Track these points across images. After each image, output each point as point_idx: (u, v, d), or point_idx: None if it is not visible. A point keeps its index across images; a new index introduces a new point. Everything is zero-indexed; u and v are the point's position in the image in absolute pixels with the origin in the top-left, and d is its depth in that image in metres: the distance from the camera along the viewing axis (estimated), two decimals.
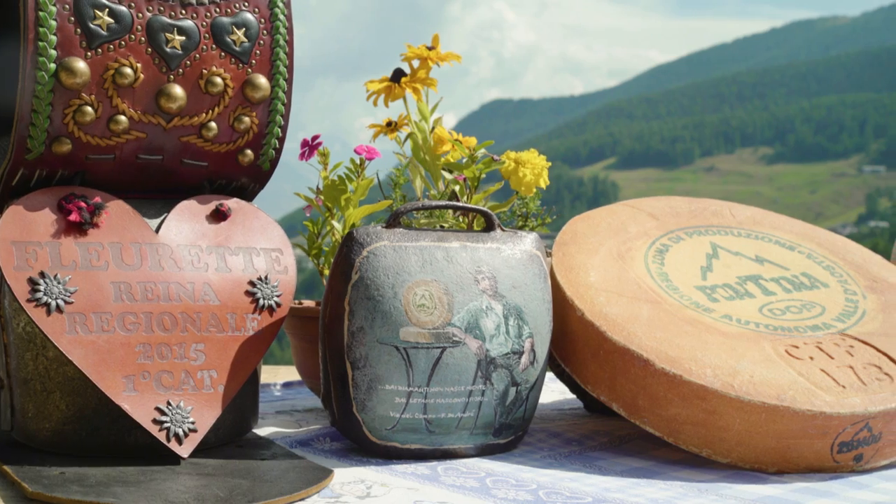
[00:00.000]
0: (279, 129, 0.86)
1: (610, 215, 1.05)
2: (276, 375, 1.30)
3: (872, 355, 0.89)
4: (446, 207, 0.87)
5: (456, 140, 1.11)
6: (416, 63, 1.14)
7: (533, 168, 1.03)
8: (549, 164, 1.03)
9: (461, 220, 1.04)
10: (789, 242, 1.05)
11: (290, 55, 0.86)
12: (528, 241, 0.90)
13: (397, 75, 1.12)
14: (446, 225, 1.00)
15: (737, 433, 0.83)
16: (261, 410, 1.01)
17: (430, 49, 1.13)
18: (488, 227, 0.89)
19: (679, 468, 0.84)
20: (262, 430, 0.91)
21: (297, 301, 1.04)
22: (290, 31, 0.85)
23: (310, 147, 1.03)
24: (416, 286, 0.82)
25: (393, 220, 0.85)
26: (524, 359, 0.86)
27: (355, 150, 1.01)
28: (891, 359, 0.89)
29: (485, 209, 0.89)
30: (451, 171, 1.02)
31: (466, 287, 0.84)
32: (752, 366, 0.84)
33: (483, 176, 1.01)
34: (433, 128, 1.11)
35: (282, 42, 0.84)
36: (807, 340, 0.90)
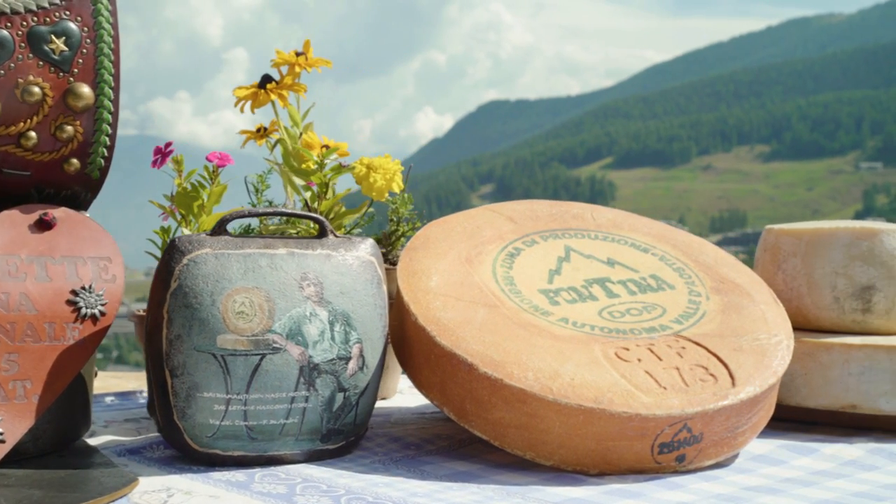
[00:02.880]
0: (107, 138, 0.87)
1: (467, 219, 1.06)
2: None
3: (702, 356, 0.89)
4: (273, 214, 0.88)
5: (325, 146, 1.11)
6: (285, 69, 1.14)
7: (385, 173, 1.03)
8: (403, 167, 1.04)
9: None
10: (644, 244, 1.06)
11: (115, 63, 0.86)
12: (362, 248, 0.90)
13: (264, 81, 1.13)
14: (293, 231, 1.01)
15: (558, 436, 0.83)
16: (111, 418, 1.02)
17: (299, 55, 1.14)
18: (321, 233, 0.90)
19: (503, 471, 0.85)
20: (98, 439, 0.92)
21: None
22: (115, 39, 0.86)
23: (162, 155, 1.03)
24: (236, 293, 0.83)
25: (218, 228, 0.85)
26: (352, 364, 0.86)
27: (207, 158, 1.01)
28: (720, 359, 0.89)
29: (316, 215, 0.89)
30: (302, 178, 1.03)
31: (290, 294, 0.84)
32: (575, 369, 0.85)
33: (333, 182, 1.02)
34: (301, 133, 1.11)
35: (106, 50, 0.85)
36: (640, 342, 0.90)
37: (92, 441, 0.91)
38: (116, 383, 1.25)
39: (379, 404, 1.13)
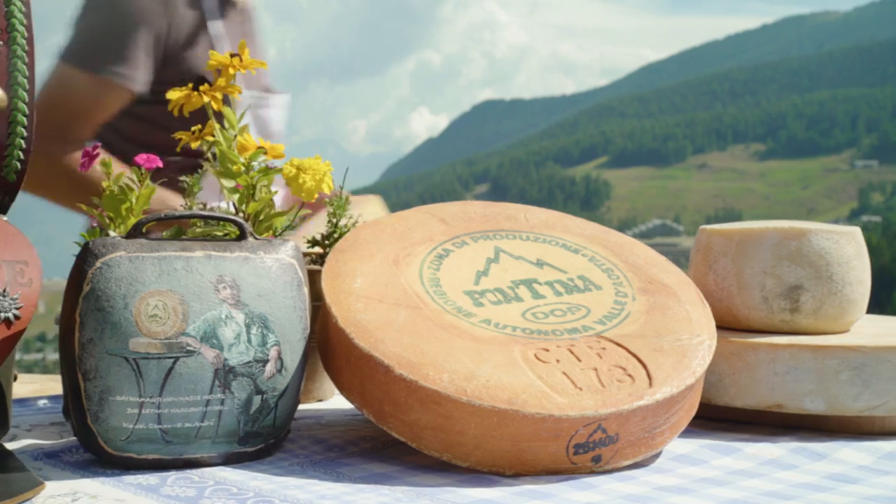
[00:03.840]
0: (22, 141, 0.86)
1: (399, 221, 1.06)
2: None
3: (622, 357, 0.90)
4: (191, 217, 0.88)
5: (260, 147, 1.11)
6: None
7: (314, 174, 1.03)
8: (332, 169, 1.04)
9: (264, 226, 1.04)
10: (575, 245, 1.06)
11: (30, 66, 0.86)
12: (283, 250, 0.90)
13: (196, 84, 1.13)
14: (221, 234, 1.01)
15: (473, 437, 0.84)
16: (37, 421, 1.02)
17: (233, 56, 1.14)
18: (241, 235, 0.90)
19: (419, 473, 0.85)
20: (19, 443, 0.92)
21: None
22: (30, 41, 0.86)
23: (89, 157, 1.03)
24: (150, 296, 0.83)
25: (134, 231, 0.85)
26: (269, 367, 0.86)
27: (134, 160, 1.01)
28: (639, 360, 0.90)
29: (234, 218, 0.90)
30: (229, 180, 1.03)
31: (205, 296, 0.84)
32: (491, 370, 0.85)
33: (260, 184, 1.02)
34: (236, 135, 1.11)
35: (20, 52, 0.85)
36: (560, 343, 0.91)
37: (12, 444, 0.91)
38: (54, 386, 1.25)
39: (314, 406, 1.13)
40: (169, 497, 0.76)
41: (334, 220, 1.17)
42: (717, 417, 1.05)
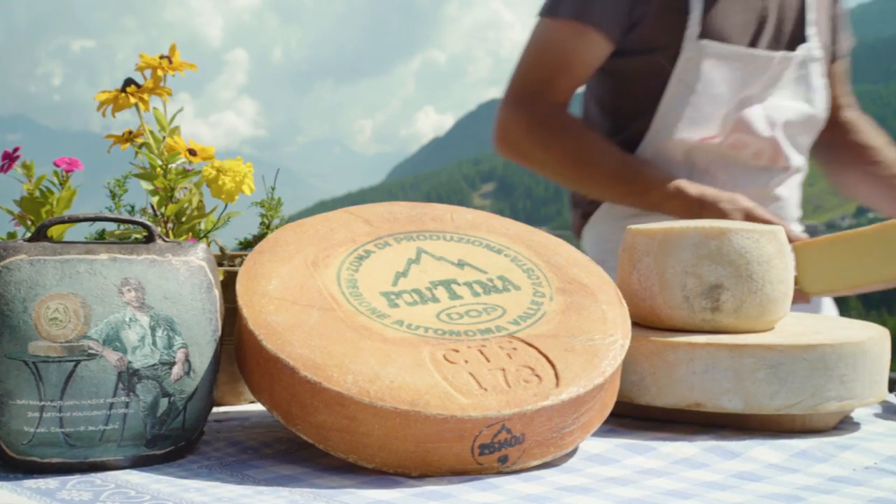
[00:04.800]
0: None
1: (322, 222, 1.06)
2: None
3: (531, 357, 0.90)
4: (95, 219, 0.88)
5: (190, 149, 1.12)
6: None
7: (234, 176, 1.04)
8: (253, 170, 1.04)
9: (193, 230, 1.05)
10: (499, 246, 1.06)
11: None
12: (192, 252, 0.91)
13: (125, 85, 1.13)
14: (138, 236, 1.01)
15: (377, 438, 0.84)
16: None
17: (163, 58, 1.14)
18: (149, 238, 0.90)
19: (325, 475, 0.85)
20: None
21: None
22: None
23: (10, 159, 1.03)
24: (50, 300, 0.83)
25: (37, 234, 0.86)
26: (176, 369, 0.87)
27: (54, 163, 1.01)
28: (549, 360, 0.90)
29: (143, 220, 0.90)
30: (148, 182, 1.03)
31: (108, 299, 0.84)
32: (396, 372, 0.85)
33: (179, 186, 1.02)
34: (165, 137, 1.11)
35: None
36: (471, 344, 0.91)
37: None
38: None
39: (244, 408, 1.13)
40: (63, 501, 0.76)
41: (266, 222, 1.17)
42: (641, 416, 1.05)
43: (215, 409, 1.10)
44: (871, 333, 1.02)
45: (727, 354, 0.97)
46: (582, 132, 1.67)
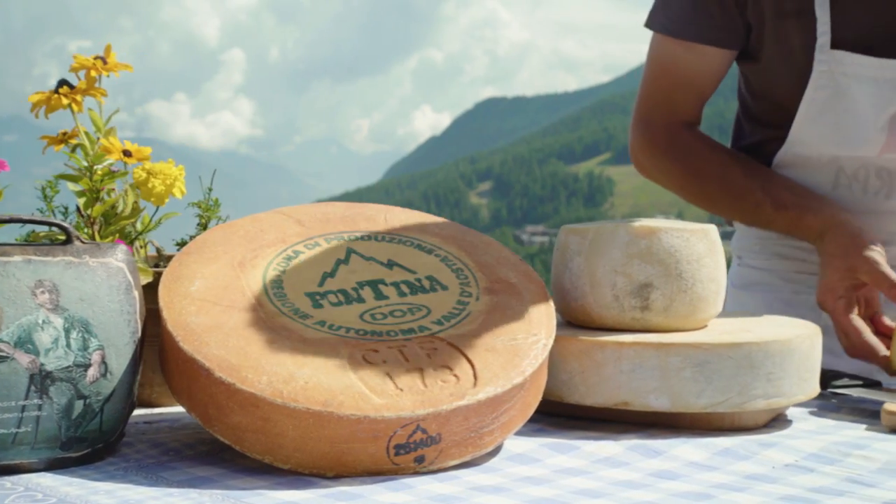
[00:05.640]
0: None
1: (253, 223, 1.05)
2: None
3: (451, 357, 0.89)
4: (11, 221, 0.88)
5: (125, 150, 1.11)
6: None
7: (165, 178, 1.03)
8: (184, 172, 1.04)
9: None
10: (430, 245, 1.05)
11: None
12: (111, 254, 0.90)
13: (58, 86, 1.13)
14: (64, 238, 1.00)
15: (292, 439, 0.83)
16: None
17: (97, 59, 1.14)
18: (67, 239, 0.90)
19: (240, 476, 0.85)
20: None
21: None
22: None
23: None
24: None
25: None
26: (92, 371, 0.86)
27: None
28: (469, 360, 0.89)
29: (61, 222, 0.89)
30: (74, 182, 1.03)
31: (21, 301, 0.84)
32: (311, 372, 0.85)
33: (107, 188, 1.02)
34: (100, 138, 1.11)
35: None
36: (393, 344, 0.90)
37: None
38: None
39: (177, 409, 1.12)
40: None
41: (203, 223, 1.17)
42: (574, 416, 1.05)
43: (148, 411, 1.10)
44: (799, 331, 1.02)
45: (654, 353, 0.97)
46: (700, 152, 1.49)
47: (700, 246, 1.03)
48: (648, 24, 1.50)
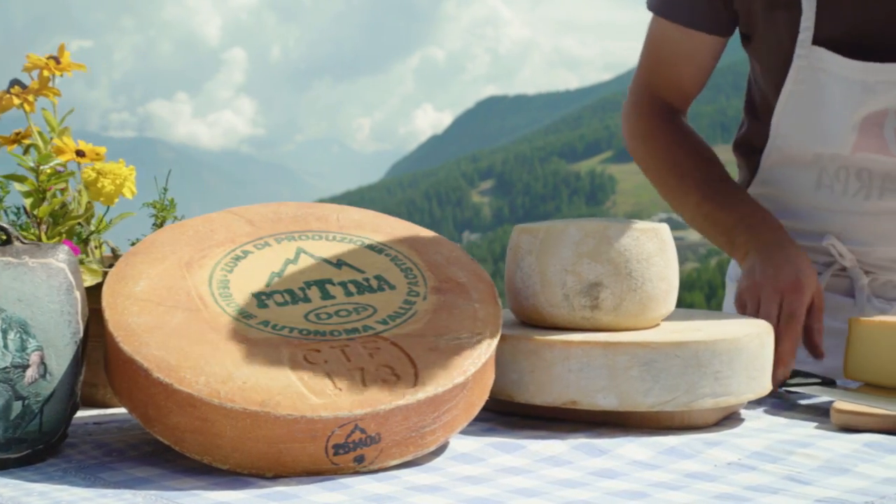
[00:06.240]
0: None
1: (204, 223, 1.05)
2: None
3: (394, 356, 0.89)
4: None
5: (79, 150, 1.11)
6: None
7: (114, 178, 1.03)
8: (134, 172, 1.04)
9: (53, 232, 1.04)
10: (381, 245, 1.05)
11: None
12: (52, 254, 0.90)
13: (10, 86, 1.12)
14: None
15: (230, 440, 0.83)
16: None
17: (50, 59, 1.14)
18: (7, 240, 0.90)
19: (179, 477, 0.84)
20: None
21: None
22: None
23: None
24: None
25: None
26: (30, 372, 0.86)
27: None
28: (411, 359, 0.89)
29: (1, 223, 0.89)
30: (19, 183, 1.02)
31: None
32: (250, 373, 0.85)
33: (55, 188, 1.02)
34: (53, 138, 1.11)
35: None
36: (335, 344, 0.90)
37: None
38: None
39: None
40: None
41: (159, 223, 1.16)
42: (528, 415, 1.04)
43: (101, 412, 1.10)
44: (749, 330, 1.02)
45: (601, 352, 0.97)
46: (672, 141, 1.50)
47: (650, 245, 1.03)
48: (647, 4, 1.52)
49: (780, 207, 1.44)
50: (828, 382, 1.16)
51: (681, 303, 1.11)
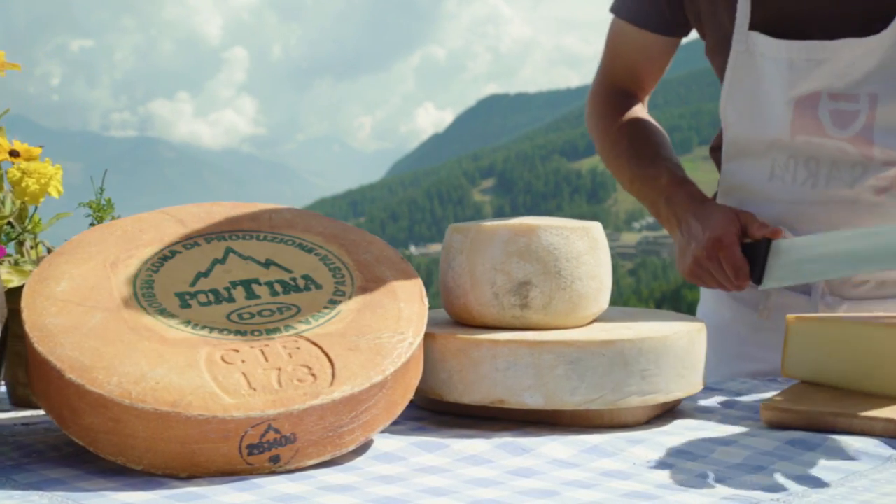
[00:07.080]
0: None
1: (134, 223, 1.05)
2: None
3: (312, 356, 0.89)
4: None
5: (13, 151, 1.11)
6: None
7: (40, 177, 1.03)
8: (60, 171, 1.04)
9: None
10: (311, 245, 1.05)
11: None
12: None
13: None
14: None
15: (143, 440, 0.83)
16: None
17: None
18: None
19: (92, 478, 0.84)
20: None
21: None
22: None
23: None
24: None
25: None
26: None
27: None
28: (329, 359, 0.89)
29: None
30: None
31: None
32: (164, 373, 0.84)
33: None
34: None
35: None
36: (255, 344, 0.90)
37: None
38: None
39: None
40: None
41: (96, 223, 1.16)
42: (461, 414, 1.04)
43: (34, 413, 1.09)
44: (678, 328, 1.01)
45: (528, 351, 0.97)
46: (616, 123, 1.57)
47: (580, 244, 1.02)
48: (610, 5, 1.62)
49: (741, 202, 1.45)
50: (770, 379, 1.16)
51: (682, 302, 1.11)
